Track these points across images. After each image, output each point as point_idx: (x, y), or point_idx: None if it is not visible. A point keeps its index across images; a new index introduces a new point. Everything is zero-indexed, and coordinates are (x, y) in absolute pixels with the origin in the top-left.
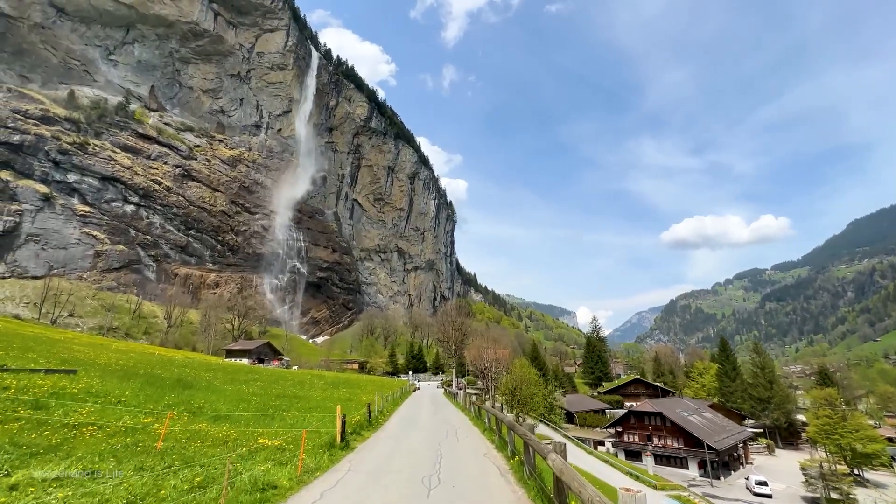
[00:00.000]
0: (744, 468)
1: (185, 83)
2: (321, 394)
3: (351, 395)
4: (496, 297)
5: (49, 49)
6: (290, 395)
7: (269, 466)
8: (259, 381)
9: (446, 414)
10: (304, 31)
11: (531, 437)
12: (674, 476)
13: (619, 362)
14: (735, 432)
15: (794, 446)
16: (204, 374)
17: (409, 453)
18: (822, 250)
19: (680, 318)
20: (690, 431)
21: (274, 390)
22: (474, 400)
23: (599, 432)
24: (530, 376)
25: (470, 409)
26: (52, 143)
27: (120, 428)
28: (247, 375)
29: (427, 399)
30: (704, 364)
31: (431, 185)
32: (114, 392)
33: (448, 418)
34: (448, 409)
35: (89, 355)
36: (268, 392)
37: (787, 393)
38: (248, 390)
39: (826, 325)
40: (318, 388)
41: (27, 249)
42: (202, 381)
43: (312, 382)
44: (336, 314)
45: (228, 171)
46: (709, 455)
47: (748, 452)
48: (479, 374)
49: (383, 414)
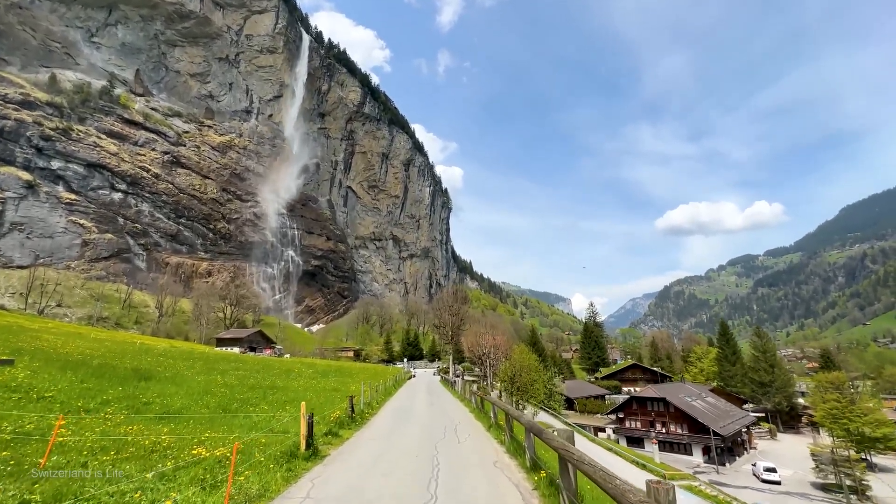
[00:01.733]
0: (748, 453)
1: (172, 67)
2: (305, 384)
3: (339, 385)
4: (492, 284)
5: (27, 30)
6: (266, 387)
7: (191, 493)
8: (240, 370)
9: (444, 404)
10: (294, 13)
11: (590, 463)
12: (678, 463)
13: (615, 348)
14: (739, 417)
15: (794, 430)
16: (178, 363)
17: (395, 463)
18: (815, 236)
19: (674, 304)
20: (695, 417)
21: (250, 381)
22: (475, 390)
23: (600, 419)
24: (530, 362)
25: (471, 400)
26: (33, 128)
27: (8, 435)
28: (228, 364)
29: (423, 388)
30: (703, 349)
31: (426, 171)
32: (42, 385)
33: (446, 409)
34: (445, 399)
35: (53, 345)
36: (243, 383)
37: (789, 377)
38: (220, 381)
39: (817, 310)
40: (305, 377)
41: (11, 238)
42: (167, 372)
43: (300, 371)
44: (331, 303)
45: (219, 157)
46: (714, 441)
47: (752, 437)
48: (477, 360)
49: (371, 407)
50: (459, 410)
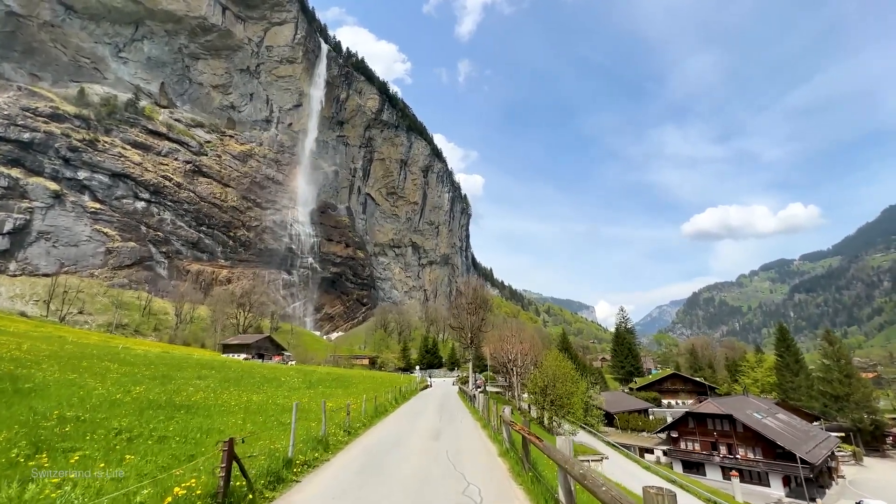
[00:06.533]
0: (836, 484)
1: (195, 79)
2: (263, 398)
3: (314, 401)
4: (513, 292)
5: (59, 47)
6: (184, 406)
7: None
8: (207, 378)
9: (456, 435)
10: (313, 24)
11: None
12: (752, 496)
13: (647, 356)
14: (822, 439)
15: (880, 452)
16: (139, 369)
17: None
18: (855, 238)
19: (703, 312)
20: (772, 439)
21: (185, 392)
22: (507, 415)
23: (646, 438)
24: (566, 371)
25: (501, 433)
26: (62, 140)
27: None
28: (199, 371)
29: (434, 403)
30: (757, 356)
31: (445, 178)
32: None
33: (460, 450)
34: (461, 428)
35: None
36: (153, 399)
37: (869, 389)
38: (135, 392)
39: (861, 317)
40: (286, 387)
41: (38, 247)
42: (63, 380)
43: (287, 381)
44: (350, 310)
45: (239, 166)
46: (802, 470)
47: (839, 464)
48: (501, 368)
49: (350, 435)
50: (482, 453)
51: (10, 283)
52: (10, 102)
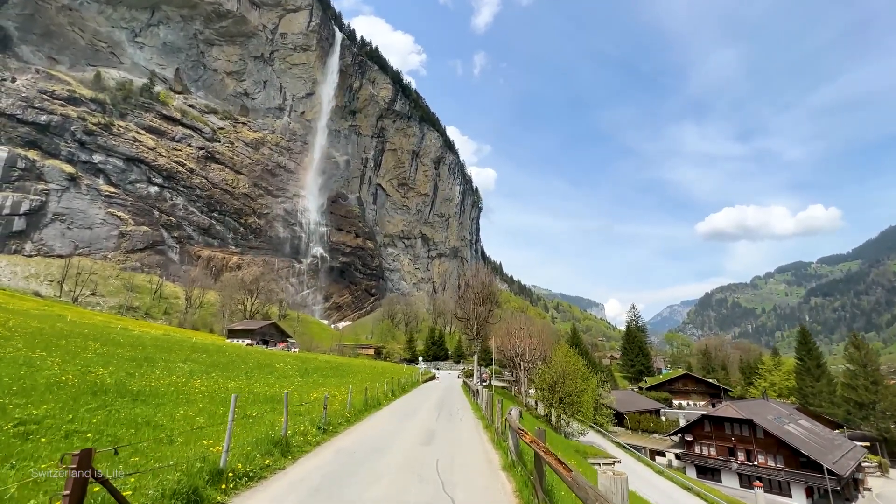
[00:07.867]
0: (862, 497)
1: (210, 65)
2: (241, 387)
3: (302, 390)
4: (522, 287)
5: (76, 31)
6: (134, 393)
7: None
8: (195, 362)
9: (453, 438)
10: (328, 12)
11: None
12: None
13: (657, 355)
14: (848, 448)
15: None
16: (122, 350)
17: None
18: (876, 243)
19: (715, 313)
20: (795, 447)
21: (152, 376)
22: (515, 418)
23: (658, 440)
24: (576, 367)
25: (506, 439)
26: (77, 123)
27: None
28: (188, 355)
29: (434, 398)
30: (774, 359)
31: (457, 170)
32: None
33: (453, 460)
34: (460, 426)
35: None
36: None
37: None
38: (92, 375)
39: (880, 323)
40: (276, 375)
41: (53, 228)
42: None
43: (281, 368)
44: (359, 300)
45: (252, 153)
46: (830, 482)
47: (865, 476)
48: (508, 362)
49: (325, 434)
50: (481, 465)
51: (26, 264)
52: (29, 85)
